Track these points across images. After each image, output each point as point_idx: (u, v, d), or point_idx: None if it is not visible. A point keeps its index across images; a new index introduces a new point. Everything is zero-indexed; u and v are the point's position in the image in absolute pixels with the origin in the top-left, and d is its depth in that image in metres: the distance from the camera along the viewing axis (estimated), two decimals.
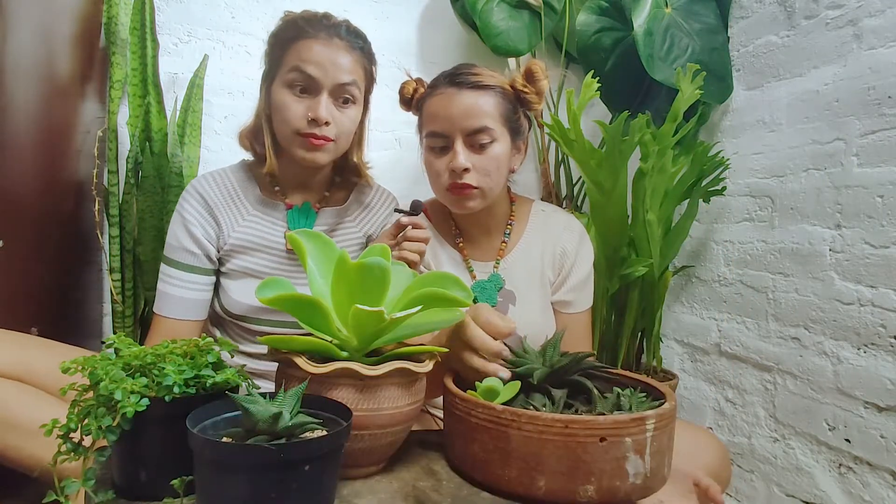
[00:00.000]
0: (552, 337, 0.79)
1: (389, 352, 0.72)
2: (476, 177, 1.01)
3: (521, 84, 1.05)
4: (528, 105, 1.07)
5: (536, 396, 0.73)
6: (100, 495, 0.56)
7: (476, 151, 1.01)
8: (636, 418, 0.62)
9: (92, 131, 1.41)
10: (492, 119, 1.01)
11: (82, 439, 0.56)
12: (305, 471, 0.52)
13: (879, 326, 1.14)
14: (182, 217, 1.06)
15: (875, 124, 1.17)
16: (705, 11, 1.52)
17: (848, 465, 1.20)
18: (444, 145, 1.03)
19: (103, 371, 0.58)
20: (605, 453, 0.61)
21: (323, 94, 1.01)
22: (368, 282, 0.66)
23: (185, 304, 1.04)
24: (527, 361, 0.76)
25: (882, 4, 1.16)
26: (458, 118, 1.00)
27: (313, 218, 1.13)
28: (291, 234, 0.71)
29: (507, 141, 1.04)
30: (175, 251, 1.05)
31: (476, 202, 1.04)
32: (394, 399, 0.66)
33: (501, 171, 1.04)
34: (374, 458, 0.68)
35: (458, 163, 0.99)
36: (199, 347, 0.67)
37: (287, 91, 1.01)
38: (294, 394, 0.58)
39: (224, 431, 0.57)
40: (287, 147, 1.05)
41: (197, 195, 1.07)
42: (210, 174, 1.11)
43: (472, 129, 1.00)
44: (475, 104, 1.00)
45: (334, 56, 1.01)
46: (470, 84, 1.01)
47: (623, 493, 0.62)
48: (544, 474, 0.62)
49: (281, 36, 1.05)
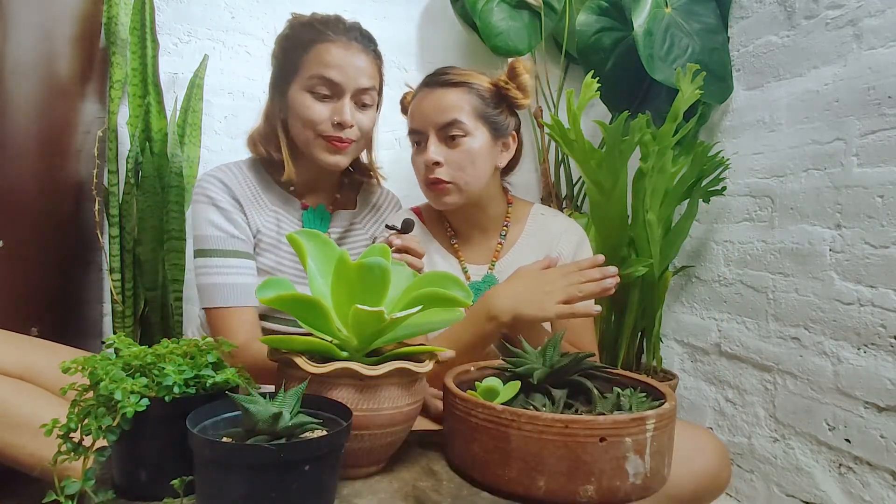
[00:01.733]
0: (552, 337, 0.79)
1: (389, 352, 0.72)
2: (448, 171, 1.03)
3: (504, 81, 1.07)
4: (513, 101, 1.08)
5: (536, 396, 0.73)
6: (100, 495, 0.56)
7: (448, 145, 1.04)
8: (636, 418, 0.62)
9: (92, 131, 1.41)
10: (463, 113, 1.03)
11: (82, 439, 0.56)
12: (305, 471, 0.52)
13: (879, 326, 1.14)
14: (217, 207, 1.03)
15: (875, 124, 1.17)
16: (705, 11, 1.52)
17: (848, 465, 1.20)
18: (419, 142, 1.07)
19: (103, 371, 0.58)
20: (604, 453, 0.61)
21: (346, 97, 1.02)
22: (368, 282, 0.66)
23: (248, 289, 1.00)
24: (527, 361, 0.76)
25: (882, 4, 1.16)
26: (428, 114, 1.04)
27: (328, 220, 1.13)
28: (291, 234, 0.71)
29: (484, 136, 1.05)
30: (220, 241, 1.01)
31: (452, 197, 1.05)
32: (394, 399, 0.66)
33: (478, 167, 1.05)
34: (374, 458, 0.68)
35: (427, 156, 1.03)
36: (198, 347, 0.67)
37: (308, 95, 1.02)
38: (294, 394, 0.58)
39: (224, 431, 0.57)
40: (307, 151, 1.05)
41: (222, 185, 1.04)
42: (225, 167, 1.08)
43: (442, 122, 1.03)
44: (444, 100, 1.04)
45: (354, 59, 1.02)
46: (441, 82, 1.06)
47: (623, 494, 0.62)
48: (544, 474, 0.62)
49: (296, 39, 1.04)
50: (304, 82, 1.02)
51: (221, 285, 1.00)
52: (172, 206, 1.34)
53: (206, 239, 1.02)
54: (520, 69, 1.07)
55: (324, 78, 1.00)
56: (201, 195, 1.04)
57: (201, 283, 1.02)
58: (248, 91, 1.60)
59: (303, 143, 1.05)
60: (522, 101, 1.09)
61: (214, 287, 1.00)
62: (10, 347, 0.90)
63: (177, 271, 1.39)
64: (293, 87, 1.03)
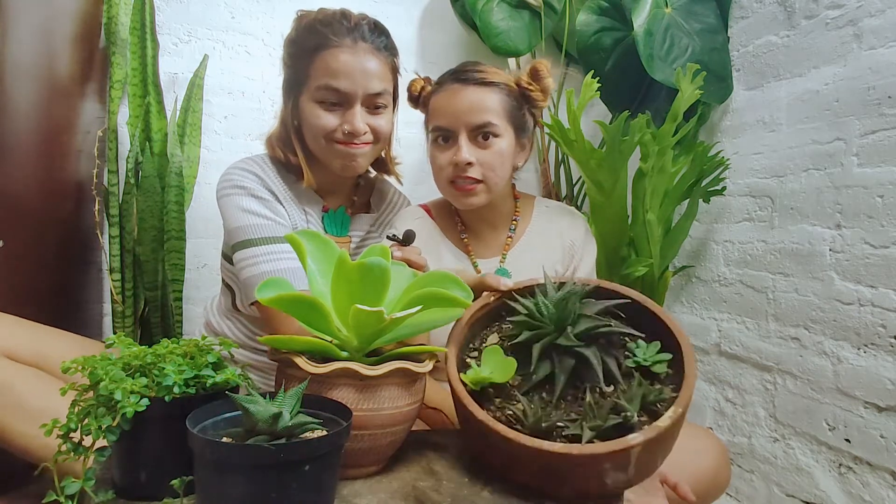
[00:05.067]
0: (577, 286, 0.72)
1: (389, 352, 0.72)
2: (479, 171, 1.03)
3: (527, 82, 1.07)
4: (533, 102, 1.09)
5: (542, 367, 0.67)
6: (100, 495, 0.56)
7: (480, 146, 1.03)
8: (615, 451, 0.58)
9: (92, 131, 1.41)
10: (496, 115, 1.03)
11: (82, 439, 0.56)
12: (305, 471, 0.52)
13: (879, 326, 1.14)
14: (254, 196, 0.98)
15: (875, 124, 1.17)
16: (705, 11, 1.52)
17: (848, 465, 1.20)
18: (448, 140, 1.05)
19: (103, 371, 0.58)
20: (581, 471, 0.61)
21: (356, 105, 0.99)
22: (368, 282, 0.66)
23: (300, 273, 0.90)
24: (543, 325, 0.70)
25: (882, 4, 1.16)
26: (462, 113, 1.02)
27: (347, 223, 1.12)
28: (290, 234, 0.71)
29: (510, 137, 1.06)
30: (263, 228, 0.95)
31: (480, 198, 1.05)
32: (394, 399, 0.66)
33: (505, 167, 1.06)
34: (374, 458, 0.68)
35: (461, 156, 1.01)
36: (199, 347, 0.67)
37: (317, 105, 0.99)
38: (294, 394, 0.58)
39: (224, 431, 0.57)
40: (323, 159, 1.04)
41: (255, 176, 1.01)
42: (251, 160, 1.04)
43: (476, 123, 1.02)
44: (479, 100, 1.02)
45: (362, 63, 0.98)
46: (475, 80, 1.03)
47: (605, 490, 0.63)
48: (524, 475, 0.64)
49: (303, 44, 1.01)
50: (312, 93, 0.99)
51: (273, 272, 0.92)
52: (172, 206, 1.34)
53: (247, 229, 0.95)
54: (543, 71, 1.07)
55: (331, 87, 0.97)
56: (233, 187, 0.99)
57: (248, 276, 0.94)
58: (248, 91, 1.59)
59: (317, 150, 1.04)
60: (542, 103, 1.09)
61: (265, 276, 0.91)
62: (24, 335, 0.90)
63: (177, 271, 1.39)
64: (303, 97, 1.01)
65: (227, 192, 1.00)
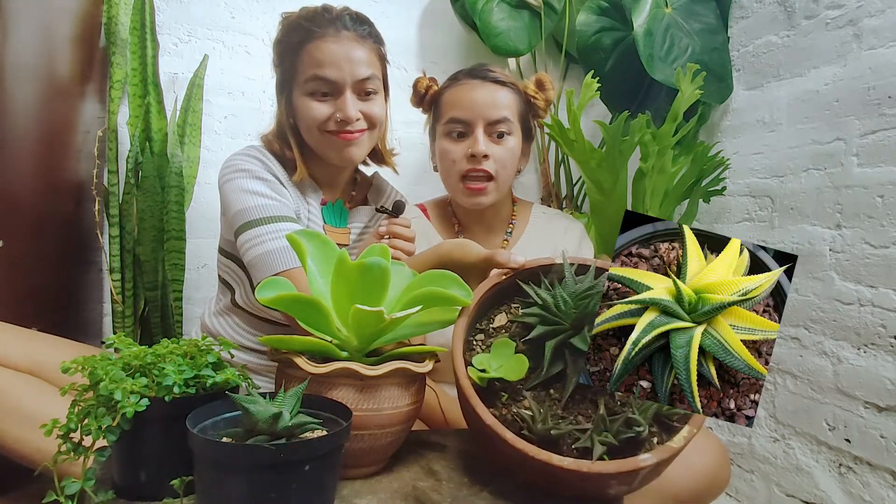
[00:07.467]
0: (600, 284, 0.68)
1: (389, 352, 0.72)
2: (493, 165, 1.05)
3: (533, 91, 1.11)
4: (536, 112, 1.12)
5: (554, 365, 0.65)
6: (100, 495, 0.56)
7: (494, 142, 1.06)
8: (624, 472, 0.57)
9: (92, 131, 1.41)
10: (511, 113, 1.07)
11: (82, 439, 0.56)
12: (305, 471, 0.52)
13: (879, 326, 1.14)
14: (258, 178, 0.98)
15: (875, 124, 1.17)
16: (705, 11, 1.52)
17: (848, 465, 1.20)
18: (463, 132, 1.07)
19: (103, 371, 0.58)
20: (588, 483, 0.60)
21: (346, 92, 1.00)
22: (368, 282, 0.66)
23: None
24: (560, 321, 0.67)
25: (882, 4, 1.16)
26: (481, 106, 1.05)
27: (346, 217, 1.12)
28: (290, 234, 0.71)
29: (518, 138, 1.09)
30: (266, 208, 0.95)
31: (489, 198, 1.07)
32: (394, 399, 0.66)
33: (513, 167, 1.09)
34: (374, 458, 0.68)
35: (478, 148, 1.04)
36: (198, 347, 0.67)
37: (308, 98, 1.00)
38: (294, 394, 0.58)
39: (224, 431, 0.57)
40: (319, 151, 1.04)
41: (258, 160, 1.01)
42: (253, 148, 1.04)
43: (494, 118, 1.05)
44: (498, 96, 1.06)
45: (347, 51, 0.99)
46: (492, 79, 1.08)
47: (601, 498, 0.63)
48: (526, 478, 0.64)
49: (287, 42, 1.03)
50: (302, 87, 1.01)
51: (277, 250, 0.91)
52: (172, 206, 1.34)
53: (250, 210, 0.94)
54: (548, 84, 1.12)
55: (319, 77, 0.99)
56: (236, 170, 0.99)
57: (253, 256, 0.92)
58: (248, 91, 1.59)
59: (313, 144, 1.04)
60: (543, 114, 1.14)
61: (269, 254, 0.90)
62: (18, 342, 0.90)
63: (177, 271, 1.39)
64: (295, 93, 1.03)
65: (230, 176, 0.99)
